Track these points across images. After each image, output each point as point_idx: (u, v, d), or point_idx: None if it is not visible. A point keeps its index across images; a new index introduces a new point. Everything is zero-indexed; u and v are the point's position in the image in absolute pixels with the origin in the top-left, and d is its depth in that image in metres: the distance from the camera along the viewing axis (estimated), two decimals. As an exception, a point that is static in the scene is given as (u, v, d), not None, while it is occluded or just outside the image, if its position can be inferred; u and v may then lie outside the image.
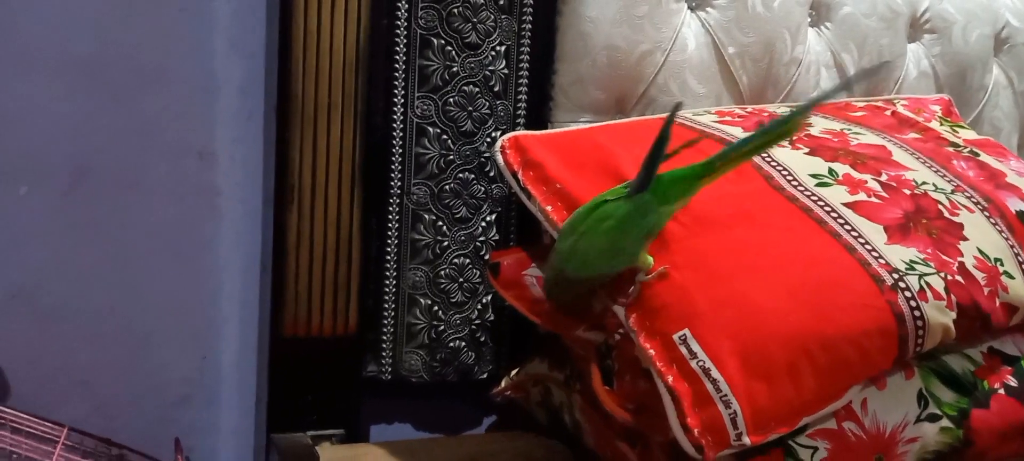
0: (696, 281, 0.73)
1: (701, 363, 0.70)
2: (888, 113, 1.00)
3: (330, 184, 0.99)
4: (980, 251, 0.79)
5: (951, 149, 0.93)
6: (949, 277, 0.76)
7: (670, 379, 0.71)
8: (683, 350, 0.71)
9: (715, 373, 0.69)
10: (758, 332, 0.71)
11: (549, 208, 0.86)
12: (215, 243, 1.03)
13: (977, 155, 0.92)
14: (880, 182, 0.82)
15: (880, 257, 0.75)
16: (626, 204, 0.71)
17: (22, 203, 0.96)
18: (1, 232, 0.96)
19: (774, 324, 0.71)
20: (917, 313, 0.73)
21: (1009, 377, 0.78)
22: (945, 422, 0.75)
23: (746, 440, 0.69)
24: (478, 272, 1.05)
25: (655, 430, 0.77)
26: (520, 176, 0.90)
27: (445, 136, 1.02)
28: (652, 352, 0.72)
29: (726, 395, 0.69)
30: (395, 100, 0.99)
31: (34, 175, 0.96)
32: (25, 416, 0.92)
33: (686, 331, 0.71)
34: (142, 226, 1.00)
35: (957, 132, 0.99)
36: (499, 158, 0.92)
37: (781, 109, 1.00)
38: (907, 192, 0.82)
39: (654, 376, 0.72)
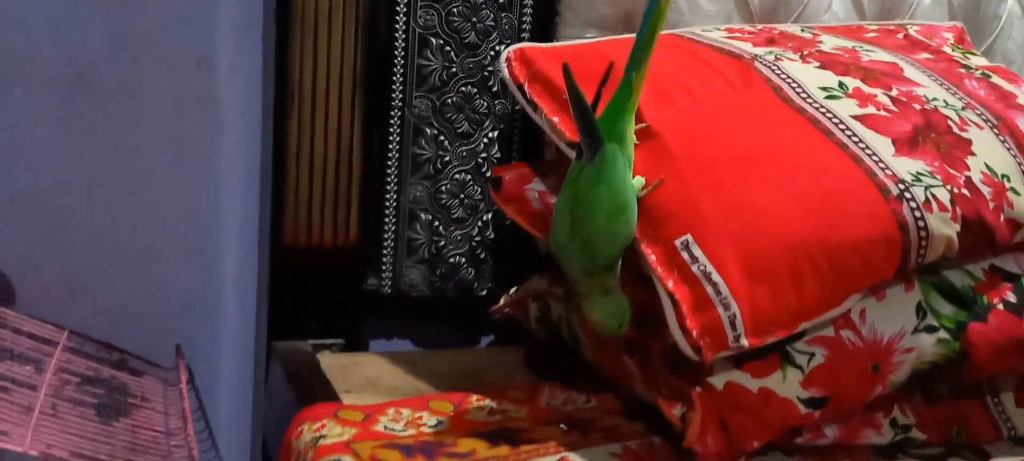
0: (701, 188, 0.73)
1: (702, 267, 0.70)
2: (900, 36, 0.98)
3: (331, 93, 0.98)
4: (988, 167, 0.78)
5: (963, 70, 0.91)
6: (955, 190, 0.75)
7: (670, 284, 0.71)
8: (685, 255, 0.71)
9: (716, 277, 0.69)
10: (762, 238, 0.70)
11: (557, 119, 0.85)
12: (215, 153, 1.02)
13: (989, 77, 0.91)
14: (890, 97, 0.81)
15: (887, 168, 0.75)
16: (593, 166, 0.70)
17: (20, 106, 0.95)
18: (0, 134, 0.95)
19: (778, 230, 0.71)
20: (921, 223, 0.73)
21: (1008, 293, 0.78)
22: (942, 334, 0.76)
23: (744, 343, 0.69)
24: (479, 189, 1.04)
25: (655, 337, 0.77)
26: (526, 88, 0.89)
27: (448, 48, 1.00)
28: (653, 257, 0.72)
29: (726, 298, 0.69)
30: (397, 8, 0.97)
31: (31, 77, 0.95)
32: (26, 317, 0.93)
33: (688, 236, 0.71)
34: (142, 135, 1.00)
35: (969, 58, 0.97)
36: (504, 70, 0.90)
37: (792, 27, 0.98)
38: (917, 107, 0.81)
39: (655, 282, 0.72)
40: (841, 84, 0.82)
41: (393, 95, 1.00)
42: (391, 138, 1.01)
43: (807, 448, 0.77)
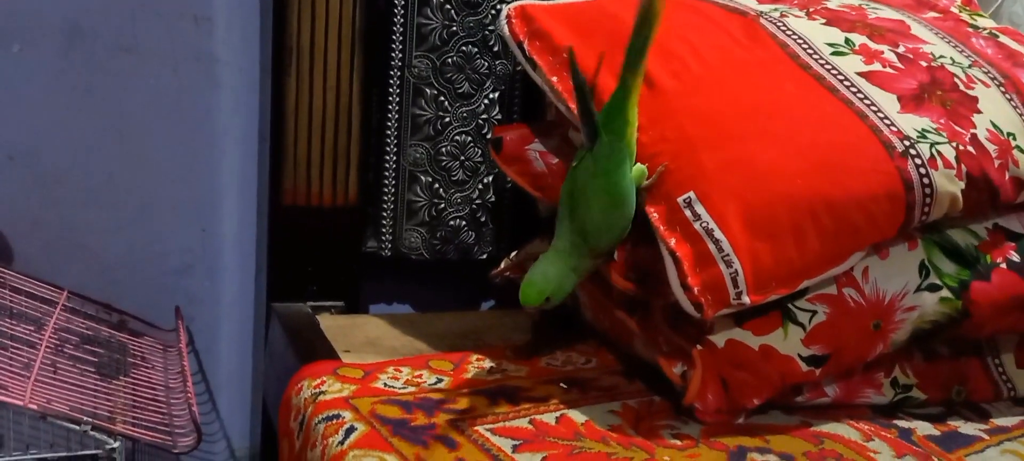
0: (704, 143, 0.72)
1: (704, 224, 0.69)
2: (907, -4, 0.97)
3: (330, 51, 0.96)
4: (994, 124, 0.77)
5: (970, 29, 0.90)
6: (960, 147, 0.74)
7: (672, 242, 0.70)
8: (687, 213, 0.70)
9: (718, 234, 0.69)
10: (764, 193, 0.70)
11: (555, 79, 0.84)
12: (213, 111, 1.01)
13: (996, 37, 0.90)
14: (896, 53, 0.80)
15: (892, 124, 0.74)
16: (590, 157, 0.69)
17: (17, 62, 0.94)
18: (-2, 91, 0.94)
19: (781, 186, 0.70)
20: (926, 180, 0.72)
21: (1012, 252, 0.78)
22: (945, 293, 0.75)
23: (746, 300, 0.68)
24: (480, 151, 1.04)
25: (657, 295, 0.77)
26: (526, 46, 0.87)
27: (448, 6, 0.99)
28: (655, 215, 0.71)
29: (728, 255, 0.68)
30: (397, -36, 0.96)
31: (27, 33, 0.94)
32: (25, 277, 0.92)
33: (691, 194, 0.70)
34: (139, 92, 0.99)
35: (976, 18, 0.96)
36: (504, 27, 0.89)
37: None
38: (923, 64, 0.80)
39: (657, 239, 0.71)
40: (847, 40, 0.81)
41: (393, 54, 0.99)
42: (391, 98, 1.00)
43: (807, 407, 0.77)
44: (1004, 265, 0.77)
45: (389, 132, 1.01)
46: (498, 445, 0.67)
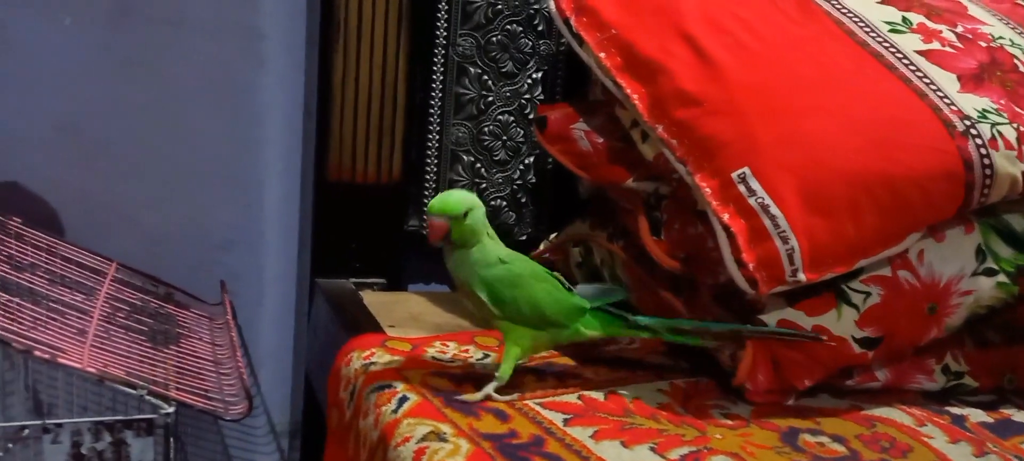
0: (758, 118, 0.71)
1: (759, 199, 0.68)
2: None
3: (377, 26, 0.96)
4: (1054, 107, 0.76)
5: (1028, 12, 0.88)
6: (1022, 128, 0.73)
7: (726, 217, 0.69)
8: (741, 188, 0.69)
9: (774, 209, 0.68)
10: (821, 169, 0.69)
11: (603, 55, 0.83)
12: (258, 86, 1.02)
13: (1053, 20, 0.88)
14: (955, 33, 0.79)
15: (952, 104, 0.72)
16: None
17: (68, 34, 0.95)
18: (48, 63, 0.95)
19: (839, 162, 0.69)
20: (986, 160, 0.71)
21: (1071, 238, 0.76)
22: (1001, 277, 0.74)
23: (801, 277, 0.68)
24: (522, 131, 1.03)
25: (705, 274, 0.76)
26: (573, 22, 0.87)
27: (494, -18, 0.98)
28: (708, 190, 0.71)
29: (784, 231, 0.67)
30: (444, -60, 0.96)
31: (78, 6, 0.95)
32: (76, 248, 0.94)
33: (746, 169, 0.69)
34: (185, 65, 0.99)
35: (1031, 1, 0.94)
36: (551, 3, 0.89)
37: None
38: (982, 44, 0.79)
39: (709, 215, 0.71)
40: (904, 19, 0.79)
41: (438, 32, 0.99)
42: (434, 76, 1.00)
43: (857, 390, 0.76)
44: (1062, 250, 0.76)
45: (432, 110, 1.01)
46: (549, 418, 0.67)
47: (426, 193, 1.02)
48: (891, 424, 0.71)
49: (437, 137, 1.02)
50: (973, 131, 0.71)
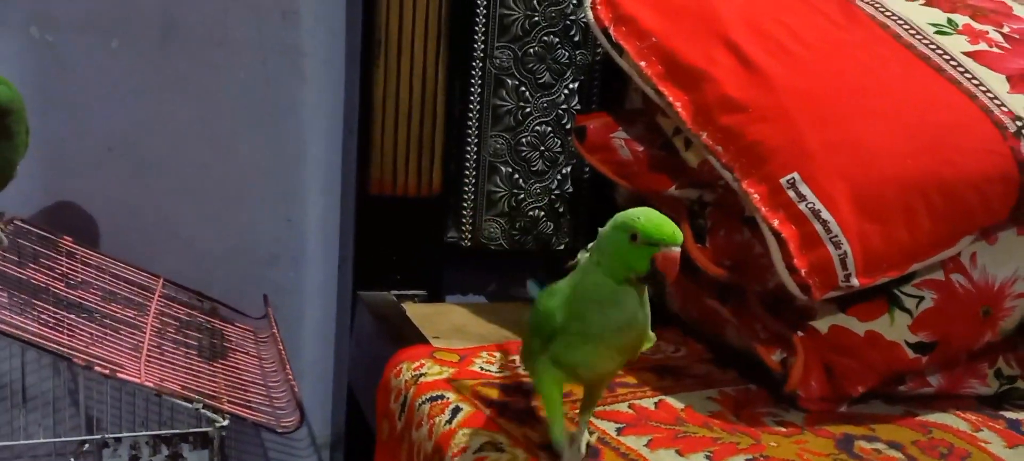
0: (807, 122, 0.71)
1: (810, 205, 0.68)
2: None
3: (416, 41, 0.98)
4: (1106, 106, 0.75)
5: (1072, 11, 0.87)
6: (1074, 128, 0.72)
7: (776, 222, 0.69)
8: (791, 194, 0.69)
9: (826, 214, 0.68)
10: (873, 174, 0.68)
11: (643, 64, 0.83)
12: (299, 103, 1.03)
13: (1099, 18, 0.87)
14: (1002, 34, 0.78)
15: (1003, 105, 0.72)
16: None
17: (115, 57, 0.97)
18: (97, 85, 0.97)
19: (890, 166, 0.69)
20: (1040, 162, 0.70)
21: None
22: (1057, 279, 0.73)
23: (854, 282, 0.67)
24: (559, 141, 1.04)
25: (753, 281, 0.76)
26: (611, 32, 0.87)
27: (531, -5, 0.99)
28: (756, 196, 0.71)
29: (837, 236, 0.67)
30: (481, -44, 0.97)
31: (125, 28, 0.97)
32: (124, 264, 0.95)
33: (795, 174, 0.69)
34: (230, 84, 1.01)
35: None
36: (589, 13, 0.89)
37: None
38: (1030, 44, 0.78)
39: (759, 221, 0.70)
40: (950, 21, 0.79)
41: (475, 45, 1.00)
42: (472, 88, 1.01)
43: (911, 397, 0.75)
44: (1117, 251, 0.74)
45: (470, 123, 1.02)
46: (602, 428, 0.67)
47: (465, 204, 1.03)
48: (947, 430, 0.70)
49: (475, 149, 1.02)
50: (1026, 132, 0.71)
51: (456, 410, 0.67)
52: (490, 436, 0.63)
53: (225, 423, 0.71)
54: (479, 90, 1.01)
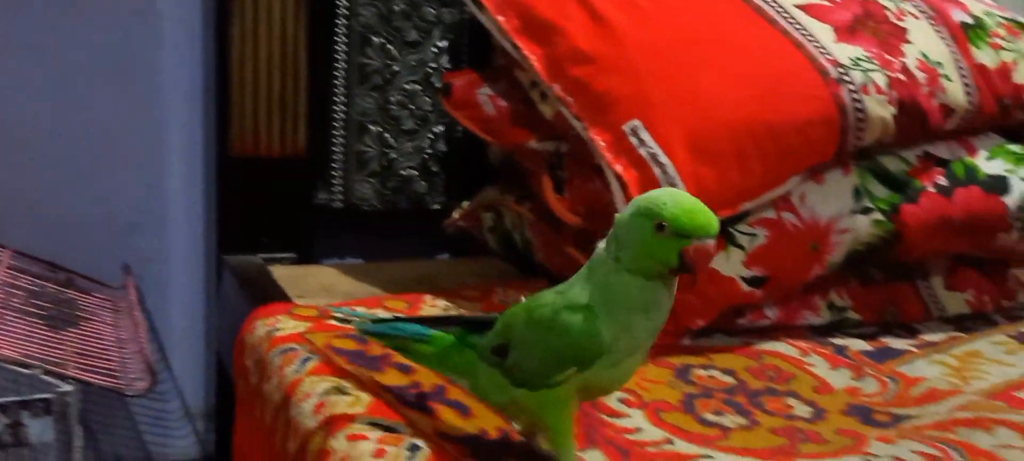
0: (649, 72, 0.74)
1: (650, 150, 0.71)
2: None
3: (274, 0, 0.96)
4: (923, 54, 0.81)
5: (901, -31, 0.94)
6: (892, 74, 0.78)
7: (619, 168, 0.72)
8: (633, 140, 0.72)
9: (663, 158, 0.71)
10: (708, 120, 0.72)
11: (502, 18, 0.85)
12: (156, 66, 1.00)
13: (925, -25, 0.94)
14: (831, -11, 0.83)
15: (827, 53, 0.77)
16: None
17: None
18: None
19: (724, 113, 0.72)
20: (859, 105, 0.75)
21: (940, 177, 0.81)
22: (877, 215, 0.79)
23: (689, 221, 0.70)
24: (430, 100, 1.04)
25: (605, 226, 0.79)
26: (471, -14, 0.88)
27: (393, -49, 0.98)
28: (602, 144, 0.73)
29: (673, 179, 0.70)
30: (338, -93, 0.95)
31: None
32: (-35, 235, 0.90)
33: (637, 122, 0.72)
34: (82, 48, 0.97)
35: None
36: (449, -31, 0.89)
37: None
38: (856, -1, 0.83)
39: (603, 167, 0.73)
40: (784, -24, 0.83)
41: (338, 3, 0.99)
42: (337, 48, 1.00)
43: (749, 329, 0.80)
44: (933, 189, 0.81)
45: (337, 82, 1.01)
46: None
47: (334, 165, 1.02)
48: (777, 355, 0.75)
49: (344, 108, 1.01)
50: (846, 78, 0.76)
51: (306, 359, 0.67)
52: (336, 382, 0.64)
53: (68, 389, 0.68)
54: (345, 48, 1.00)
